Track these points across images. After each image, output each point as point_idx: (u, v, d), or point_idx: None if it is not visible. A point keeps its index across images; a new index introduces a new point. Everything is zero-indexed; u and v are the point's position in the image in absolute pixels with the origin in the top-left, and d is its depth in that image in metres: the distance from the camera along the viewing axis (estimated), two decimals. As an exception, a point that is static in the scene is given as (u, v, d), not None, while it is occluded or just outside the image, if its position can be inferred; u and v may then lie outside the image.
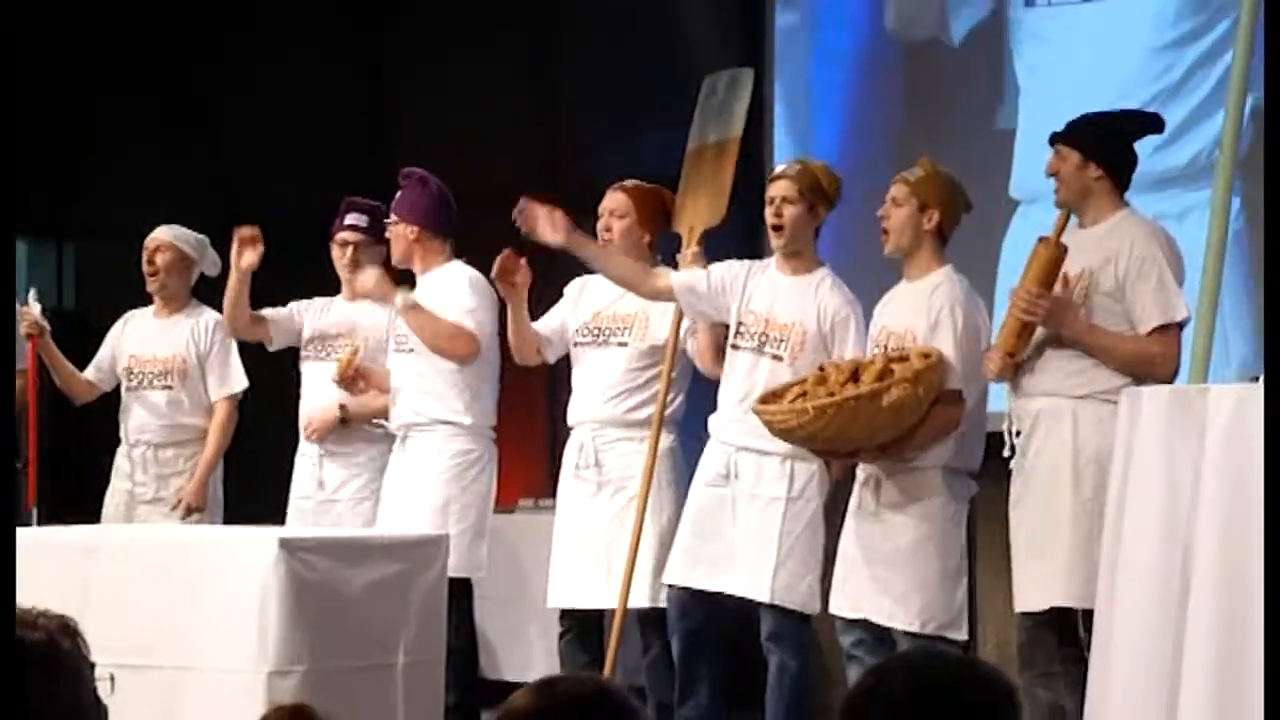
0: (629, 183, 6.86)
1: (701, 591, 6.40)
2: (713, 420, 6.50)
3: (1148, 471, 4.67)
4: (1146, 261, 5.75)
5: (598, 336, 6.84)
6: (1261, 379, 4.68)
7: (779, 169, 6.65)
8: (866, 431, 5.90)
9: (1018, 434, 5.85)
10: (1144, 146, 5.98)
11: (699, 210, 6.75)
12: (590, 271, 6.86)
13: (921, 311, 6.04)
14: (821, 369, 6.06)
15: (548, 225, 6.53)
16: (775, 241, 6.40)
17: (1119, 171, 5.90)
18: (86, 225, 9.79)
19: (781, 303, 6.35)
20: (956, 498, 6.09)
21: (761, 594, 6.30)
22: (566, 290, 7.00)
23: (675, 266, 6.69)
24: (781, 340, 6.31)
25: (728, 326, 6.46)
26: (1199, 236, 5.67)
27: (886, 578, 6.03)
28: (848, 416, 5.84)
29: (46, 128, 9.63)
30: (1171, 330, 5.76)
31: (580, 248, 6.62)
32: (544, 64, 9.36)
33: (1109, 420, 5.36)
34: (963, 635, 6.09)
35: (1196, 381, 5.21)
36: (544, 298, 6.99)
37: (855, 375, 5.91)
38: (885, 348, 6.07)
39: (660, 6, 8.68)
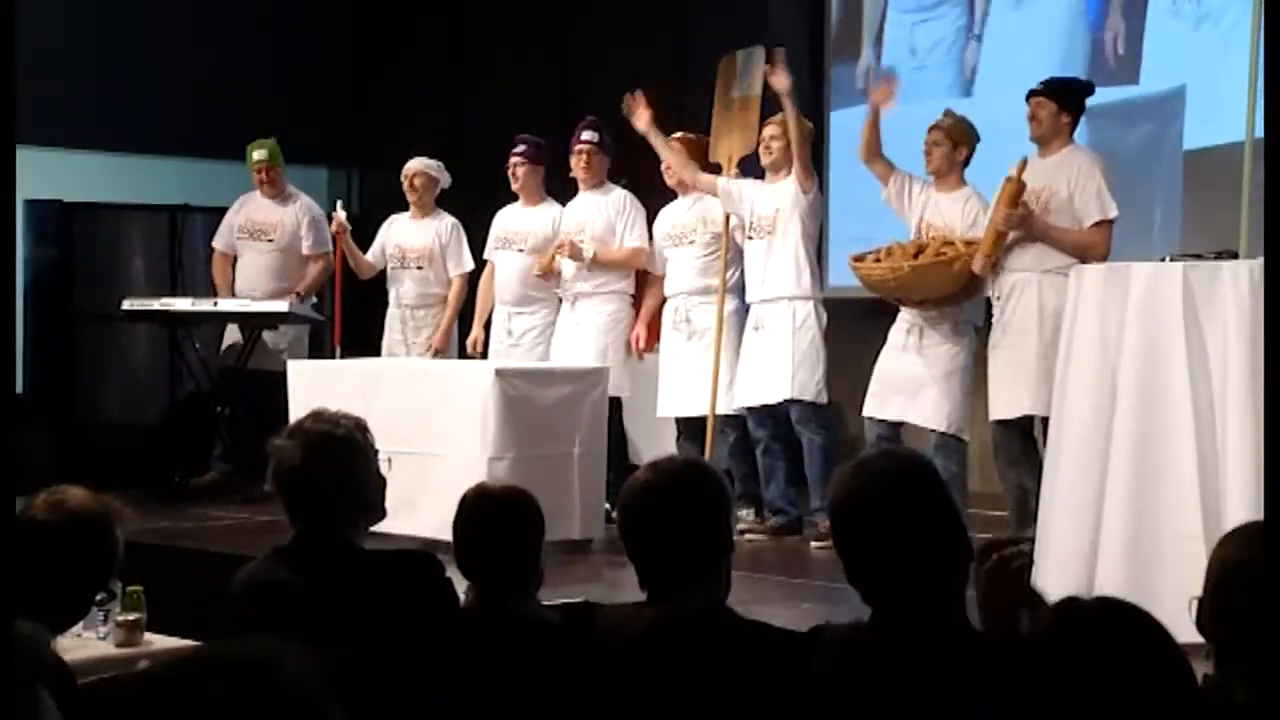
0: (679, 135, 6.78)
1: (765, 406, 6.40)
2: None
3: (1088, 321, 4.62)
4: (1089, 178, 5.67)
5: (675, 240, 6.82)
6: (1169, 259, 4.60)
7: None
8: (936, 288, 5.87)
9: (998, 298, 5.80)
10: None
11: (734, 144, 6.64)
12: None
13: (957, 214, 6.02)
14: (889, 247, 6.01)
15: (641, 116, 6.62)
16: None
17: (1077, 119, 5.82)
18: (367, 158, 9.81)
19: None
20: (971, 342, 6.07)
21: (784, 393, 6.31)
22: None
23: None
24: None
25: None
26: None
27: (928, 395, 5.98)
28: (928, 275, 5.83)
29: (341, 93, 9.64)
30: (1105, 225, 5.67)
31: (654, 137, 6.65)
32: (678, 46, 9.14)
33: (1063, 287, 5.23)
34: (969, 437, 6.07)
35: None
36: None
37: (918, 253, 5.88)
38: (925, 234, 6.01)
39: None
